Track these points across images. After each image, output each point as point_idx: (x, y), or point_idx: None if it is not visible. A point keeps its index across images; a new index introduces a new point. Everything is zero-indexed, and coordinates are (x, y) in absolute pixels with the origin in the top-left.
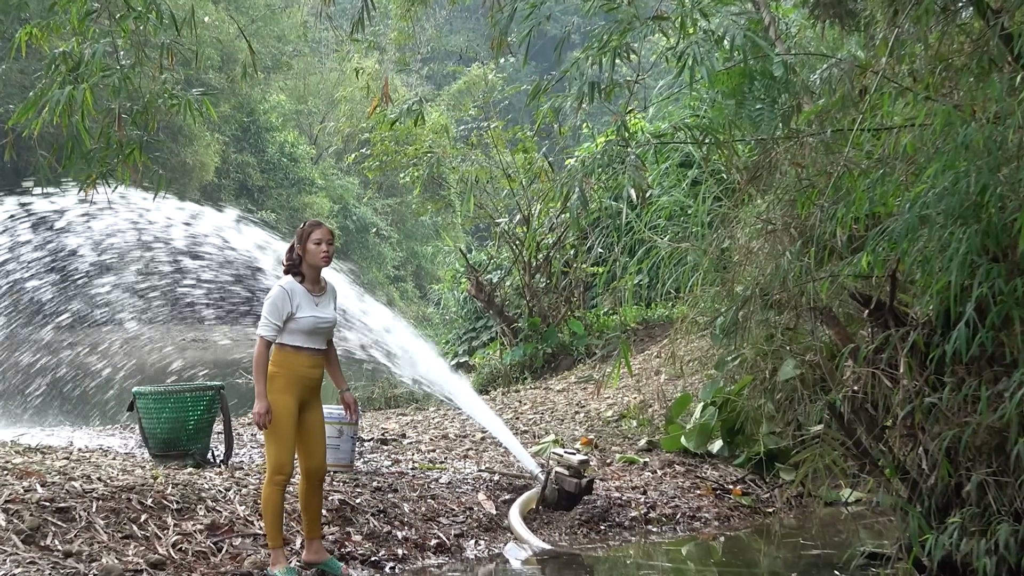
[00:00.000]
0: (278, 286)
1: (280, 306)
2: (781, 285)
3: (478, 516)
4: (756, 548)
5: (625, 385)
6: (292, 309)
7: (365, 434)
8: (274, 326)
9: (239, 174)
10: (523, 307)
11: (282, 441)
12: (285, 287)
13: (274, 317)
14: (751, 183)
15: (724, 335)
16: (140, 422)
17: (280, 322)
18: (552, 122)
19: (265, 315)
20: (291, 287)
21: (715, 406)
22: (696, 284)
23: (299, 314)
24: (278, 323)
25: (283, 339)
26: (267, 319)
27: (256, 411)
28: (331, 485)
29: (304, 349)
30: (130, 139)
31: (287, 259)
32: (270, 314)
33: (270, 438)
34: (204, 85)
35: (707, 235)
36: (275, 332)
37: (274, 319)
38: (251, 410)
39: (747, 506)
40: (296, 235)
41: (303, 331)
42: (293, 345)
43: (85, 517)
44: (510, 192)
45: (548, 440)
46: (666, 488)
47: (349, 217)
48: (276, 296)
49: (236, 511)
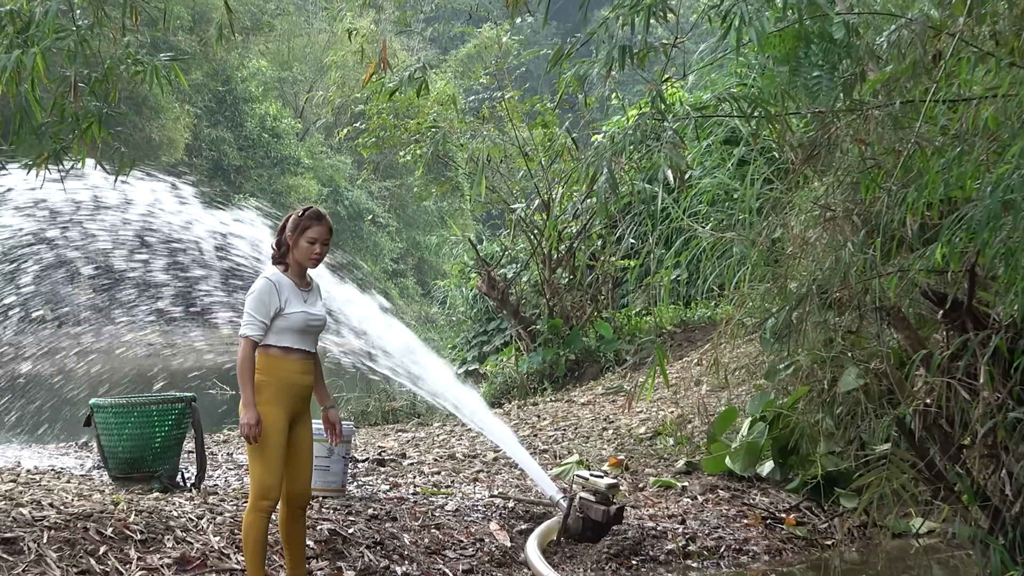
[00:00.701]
0: (263, 278)
1: (267, 301)
2: (842, 281)
3: (490, 549)
4: None
5: (660, 397)
6: (280, 304)
7: (359, 453)
8: (260, 324)
9: (213, 152)
10: (542, 306)
11: (270, 461)
12: (271, 279)
13: (260, 314)
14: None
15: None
16: (99, 439)
17: (267, 319)
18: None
19: (249, 311)
20: (278, 279)
21: (765, 422)
22: (743, 280)
23: (288, 310)
24: (265, 320)
25: (270, 340)
26: (252, 316)
27: (244, 422)
28: (319, 512)
29: (294, 351)
30: (88, 111)
31: (275, 248)
32: (255, 310)
33: (256, 457)
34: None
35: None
36: (262, 331)
37: (260, 316)
38: (230, 424)
39: (802, 537)
40: (290, 222)
41: (293, 330)
42: (281, 347)
43: (35, 549)
44: (527, 173)
45: (571, 461)
46: (708, 517)
47: (340, 202)
48: (261, 289)
49: (210, 542)
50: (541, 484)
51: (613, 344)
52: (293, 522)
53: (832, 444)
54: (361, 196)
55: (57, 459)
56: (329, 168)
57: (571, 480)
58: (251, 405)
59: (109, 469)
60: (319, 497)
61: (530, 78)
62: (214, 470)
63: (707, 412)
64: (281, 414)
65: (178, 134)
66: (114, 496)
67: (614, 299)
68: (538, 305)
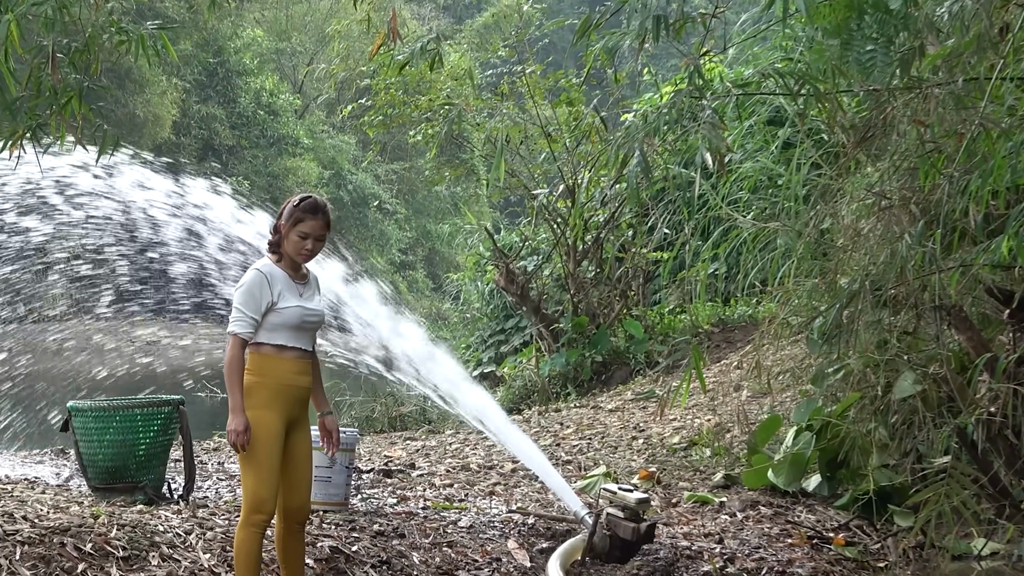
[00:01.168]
0: (254, 270)
1: (258, 294)
2: (898, 277)
3: (507, 569)
4: None
5: (696, 404)
6: (273, 298)
7: (364, 463)
8: (251, 320)
9: (203, 130)
10: (566, 303)
11: (263, 471)
12: (263, 271)
13: (250, 309)
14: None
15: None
16: (77, 446)
17: (258, 315)
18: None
19: (238, 306)
20: (270, 271)
21: (812, 431)
22: (788, 275)
23: (281, 304)
24: (255, 316)
25: (262, 337)
26: (242, 311)
27: (231, 428)
28: (320, 528)
29: (289, 350)
30: (67, 85)
31: (272, 233)
32: (245, 305)
33: (248, 466)
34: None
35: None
36: (252, 328)
37: (250, 311)
38: (222, 430)
39: (852, 559)
40: (284, 211)
41: (288, 326)
42: (275, 344)
43: (6, 567)
44: (550, 156)
45: (598, 473)
46: (748, 535)
47: (344, 186)
48: (251, 282)
49: (199, 560)
50: (564, 498)
51: (644, 345)
52: (291, 539)
53: (886, 456)
54: (366, 180)
55: (31, 467)
56: (331, 149)
57: (597, 494)
58: (239, 410)
59: (88, 479)
60: (319, 511)
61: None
62: (204, 481)
63: (748, 420)
64: (276, 419)
65: (165, 110)
66: (94, 509)
67: (645, 295)
68: (561, 301)
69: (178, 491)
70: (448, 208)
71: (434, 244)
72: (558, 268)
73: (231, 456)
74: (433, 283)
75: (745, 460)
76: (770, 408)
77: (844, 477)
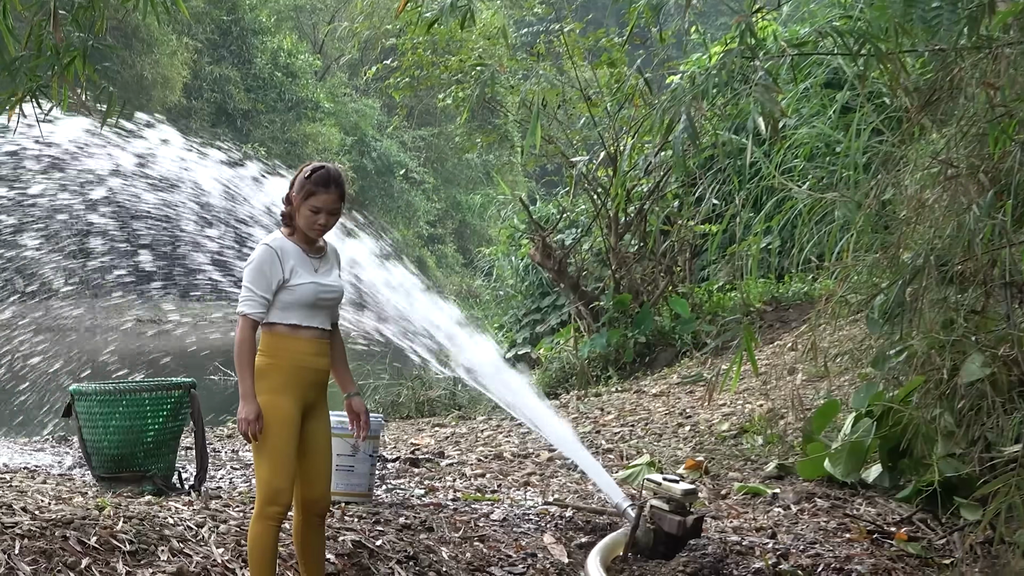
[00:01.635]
0: (263, 245)
1: (268, 272)
2: (965, 251)
3: (543, 566)
4: None
5: (747, 388)
6: (284, 275)
7: (389, 451)
8: (261, 300)
9: (216, 93)
10: (607, 279)
11: (278, 460)
12: (273, 246)
13: (260, 287)
14: (924, 110)
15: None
16: (80, 432)
17: (269, 294)
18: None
19: (248, 285)
20: (281, 246)
21: (872, 418)
22: (846, 249)
23: (294, 281)
24: (266, 295)
25: (274, 317)
26: (251, 290)
27: (242, 416)
28: (342, 521)
29: (303, 329)
30: (70, 44)
31: (284, 204)
32: (254, 283)
33: (261, 456)
34: None
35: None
36: (263, 308)
37: (261, 290)
38: (234, 416)
39: (915, 555)
40: (296, 182)
41: (302, 304)
42: (288, 324)
43: (5, 561)
44: (590, 121)
45: (641, 463)
46: (803, 530)
47: (367, 154)
48: (261, 259)
49: (212, 555)
50: (605, 489)
51: (691, 325)
52: (310, 532)
53: (952, 445)
54: (392, 147)
55: (31, 455)
56: (354, 114)
57: (641, 485)
58: (250, 396)
59: (93, 468)
60: (341, 503)
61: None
62: (216, 470)
63: (803, 406)
64: (290, 403)
65: (175, 72)
66: (99, 500)
67: (692, 271)
68: (602, 278)
69: (189, 481)
70: (480, 177)
71: (465, 216)
72: (598, 242)
73: (245, 444)
74: (464, 258)
75: (800, 449)
76: (827, 393)
77: (907, 467)
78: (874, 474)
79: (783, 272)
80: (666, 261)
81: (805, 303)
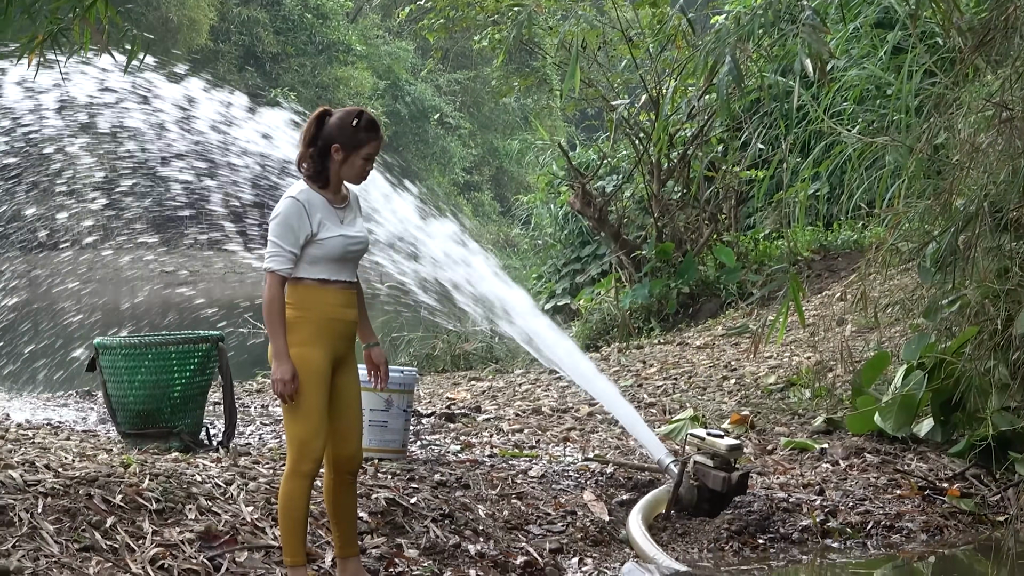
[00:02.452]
0: (288, 198)
1: (296, 226)
2: (1021, 197)
3: (583, 524)
4: (980, 572)
5: (794, 340)
6: (313, 229)
7: (423, 406)
8: (289, 255)
9: (244, 36)
10: (649, 228)
11: (311, 415)
12: (299, 198)
13: (288, 242)
14: (978, 51)
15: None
16: (105, 387)
17: (297, 248)
18: None
19: (275, 240)
20: (307, 198)
21: (923, 370)
22: (897, 196)
23: (322, 234)
24: (294, 250)
25: (302, 272)
26: (279, 246)
27: (277, 377)
28: (375, 478)
29: (332, 283)
30: None
31: (308, 154)
32: (282, 238)
33: (293, 412)
34: None
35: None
36: (291, 264)
37: (288, 245)
38: (265, 369)
39: (968, 512)
40: (340, 132)
41: (330, 258)
42: (317, 279)
43: (28, 520)
44: (631, 63)
45: (684, 417)
46: (852, 486)
47: (401, 98)
48: (288, 212)
49: (241, 513)
50: (647, 445)
51: (736, 274)
52: (342, 491)
53: (1006, 398)
54: (426, 91)
55: (54, 411)
56: (387, 57)
57: (684, 441)
58: (284, 356)
59: (118, 424)
60: (374, 459)
61: None
62: (245, 426)
63: (852, 358)
64: (322, 357)
65: (201, 14)
66: (124, 457)
67: (738, 219)
68: (644, 226)
69: (217, 437)
70: (517, 122)
71: (502, 162)
72: (640, 189)
73: (275, 399)
74: (501, 206)
75: (849, 402)
76: (877, 344)
77: (959, 421)
78: (925, 428)
79: (831, 219)
80: (710, 208)
81: (854, 251)
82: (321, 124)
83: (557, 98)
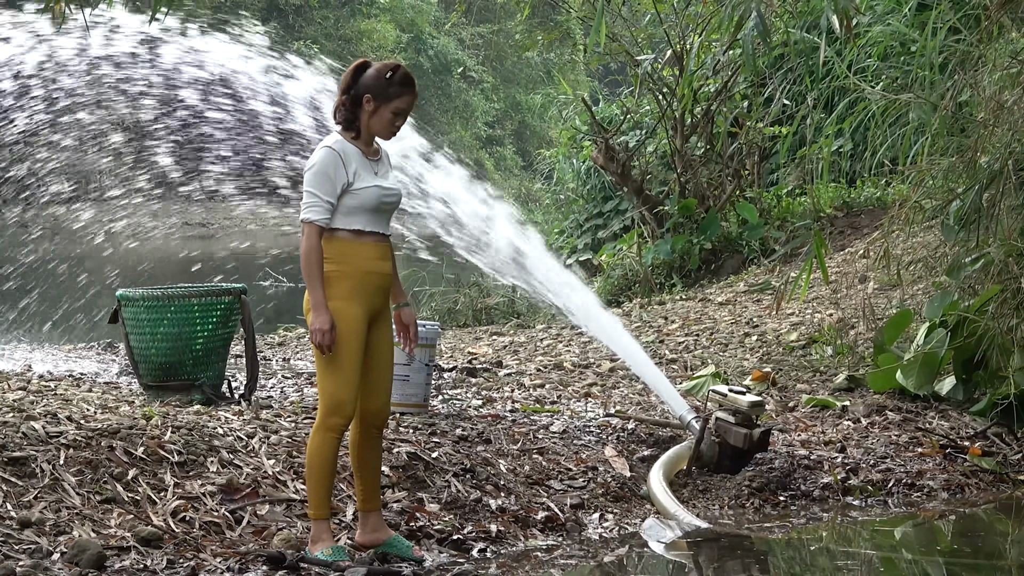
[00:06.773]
0: (324, 148)
1: (332, 175)
2: None
3: (604, 479)
4: (1001, 530)
5: (816, 296)
6: (348, 178)
7: (445, 361)
8: (327, 204)
9: None
10: (672, 183)
11: (346, 369)
12: (335, 148)
13: (325, 192)
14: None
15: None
16: (127, 339)
17: (333, 198)
18: None
19: (311, 190)
20: (343, 148)
21: (946, 328)
22: (921, 153)
23: (358, 184)
24: (331, 200)
25: (337, 223)
26: (315, 195)
27: (317, 327)
28: (396, 432)
29: (367, 234)
30: None
31: (342, 101)
32: (319, 188)
33: (327, 367)
34: None
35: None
36: (328, 214)
37: (325, 195)
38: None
39: (990, 471)
40: (374, 83)
41: (366, 208)
42: (352, 230)
43: (50, 472)
44: (656, 18)
45: (706, 374)
46: (874, 444)
47: (424, 52)
48: (324, 161)
49: (263, 466)
50: (668, 401)
51: (759, 231)
52: (367, 445)
53: None
54: (449, 45)
55: (76, 363)
56: (410, 9)
57: (705, 397)
58: (323, 306)
59: (140, 376)
60: (396, 414)
61: None
62: (267, 379)
63: (874, 316)
64: (359, 311)
65: None
66: (146, 409)
67: (761, 175)
68: (667, 181)
69: (239, 390)
70: (540, 77)
71: (524, 117)
72: (663, 144)
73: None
74: (523, 160)
75: (871, 360)
76: (899, 302)
77: (982, 379)
78: (947, 387)
79: (855, 176)
80: (733, 164)
81: (877, 208)
82: (359, 74)
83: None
